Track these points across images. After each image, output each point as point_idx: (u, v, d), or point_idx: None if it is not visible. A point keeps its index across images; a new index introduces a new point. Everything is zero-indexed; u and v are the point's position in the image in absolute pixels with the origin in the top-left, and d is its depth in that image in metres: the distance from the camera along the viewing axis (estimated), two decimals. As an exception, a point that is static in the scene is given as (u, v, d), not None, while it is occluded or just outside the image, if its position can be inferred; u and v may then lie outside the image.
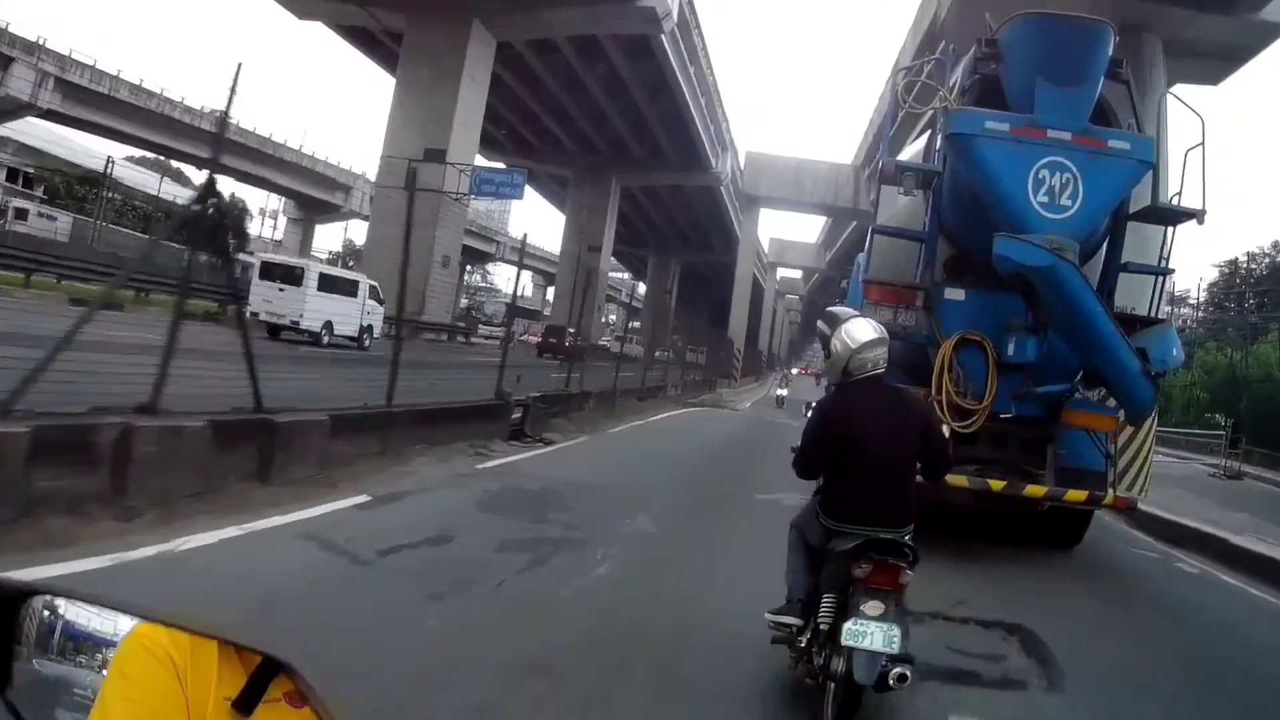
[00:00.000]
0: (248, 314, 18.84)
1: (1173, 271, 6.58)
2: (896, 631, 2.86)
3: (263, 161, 47.41)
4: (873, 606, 2.89)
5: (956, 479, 5.94)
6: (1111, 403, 6.26)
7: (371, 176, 36.08)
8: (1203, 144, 6.14)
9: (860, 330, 3.29)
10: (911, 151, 7.92)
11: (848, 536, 3.05)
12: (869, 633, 2.84)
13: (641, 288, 71.76)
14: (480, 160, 36.79)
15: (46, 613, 0.87)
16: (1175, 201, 6.29)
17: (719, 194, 50.23)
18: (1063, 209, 5.51)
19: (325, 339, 18.40)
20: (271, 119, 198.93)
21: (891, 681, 2.85)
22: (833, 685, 2.95)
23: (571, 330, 22.87)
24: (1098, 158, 5.66)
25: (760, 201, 43.83)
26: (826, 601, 3.07)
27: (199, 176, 55.17)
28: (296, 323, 17.94)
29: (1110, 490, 6.19)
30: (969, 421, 6.00)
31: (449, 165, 25.50)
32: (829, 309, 3.76)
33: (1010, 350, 5.98)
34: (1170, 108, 7.48)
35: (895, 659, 2.88)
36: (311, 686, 0.83)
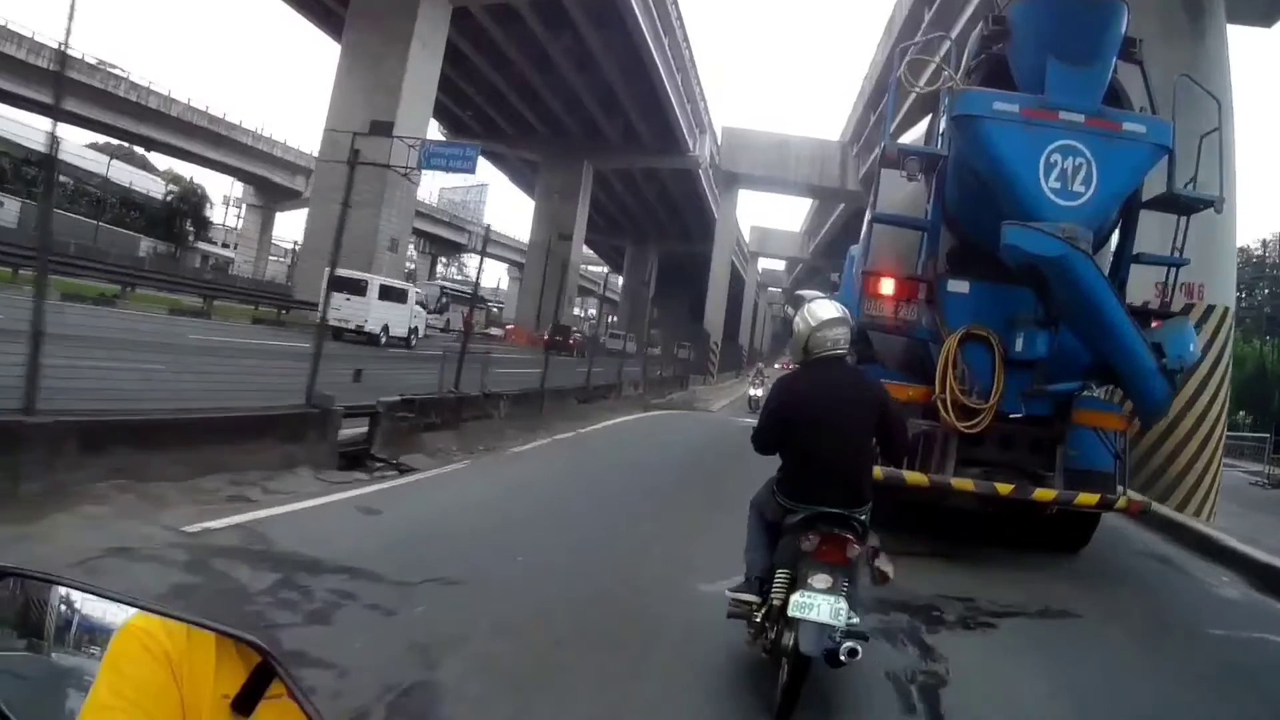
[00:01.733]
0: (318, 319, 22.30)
1: (1187, 262, 6.59)
2: (843, 605, 3.07)
3: (217, 144, 46.74)
4: (820, 580, 3.12)
5: (962, 483, 5.95)
6: (1119, 400, 6.29)
7: (336, 160, 35.93)
8: (1219, 129, 6.16)
9: (823, 309, 3.56)
10: (912, 137, 7.88)
11: (801, 514, 3.31)
12: (815, 605, 3.05)
13: (621, 282, 71.83)
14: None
15: (42, 599, 0.88)
16: (1190, 188, 6.30)
17: (697, 179, 50.29)
18: (1076, 195, 5.47)
19: (383, 340, 22.74)
20: (225, 100, 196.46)
21: (843, 656, 3.06)
22: (785, 659, 3.15)
23: (576, 330, 25.53)
24: (1112, 141, 5.62)
25: (740, 181, 42.07)
26: (780, 576, 3.30)
27: (163, 163, 54.75)
28: (361, 327, 21.82)
29: (1122, 493, 6.22)
30: (975, 421, 5.97)
31: (396, 139, 24.77)
32: (799, 291, 4.12)
33: (1019, 346, 5.95)
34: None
35: (850, 634, 3.11)
36: (298, 682, 0.84)
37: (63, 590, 0.89)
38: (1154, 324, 6.05)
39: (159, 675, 0.82)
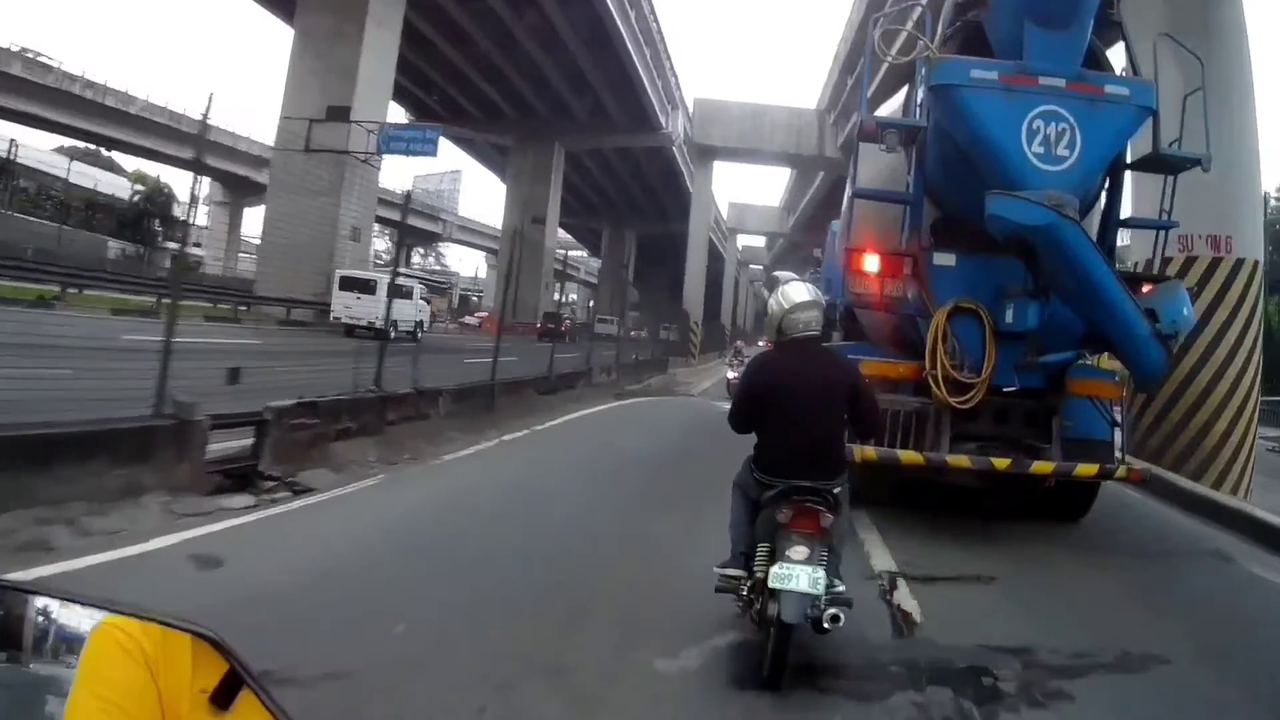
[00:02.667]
0: (331, 317, 24.28)
1: (1176, 225, 6.67)
2: (821, 574, 3.32)
3: (182, 141, 46.03)
4: (797, 551, 3.35)
5: (958, 459, 6.02)
6: (1115, 366, 6.37)
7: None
8: (1203, 88, 6.22)
9: (795, 292, 3.81)
10: (891, 107, 7.90)
11: (777, 489, 3.55)
12: (794, 575, 3.28)
13: (600, 266, 71.71)
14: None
15: (17, 611, 0.90)
16: (1175, 148, 6.36)
17: (672, 157, 50.13)
18: (1060, 160, 5.50)
19: (391, 334, 21.29)
20: (185, 96, 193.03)
21: (826, 623, 3.30)
22: (771, 628, 3.34)
23: (567, 317, 26.14)
24: (1095, 104, 5.65)
25: (714, 154, 41.58)
26: (761, 550, 3.55)
27: (132, 165, 54.01)
28: (372, 324, 22.46)
29: (1121, 461, 6.31)
30: (967, 396, 6.04)
31: (354, 124, 24.40)
32: (775, 272, 4.35)
33: (1009, 318, 6.00)
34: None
35: (834, 601, 3.37)
36: (259, 679, 0.86)
37: (39, 601, 0.91)
38: (1145, 289, 6.11)
39: (136, 673, 0.83)
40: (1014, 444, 6.29)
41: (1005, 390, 6.07)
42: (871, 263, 6.49)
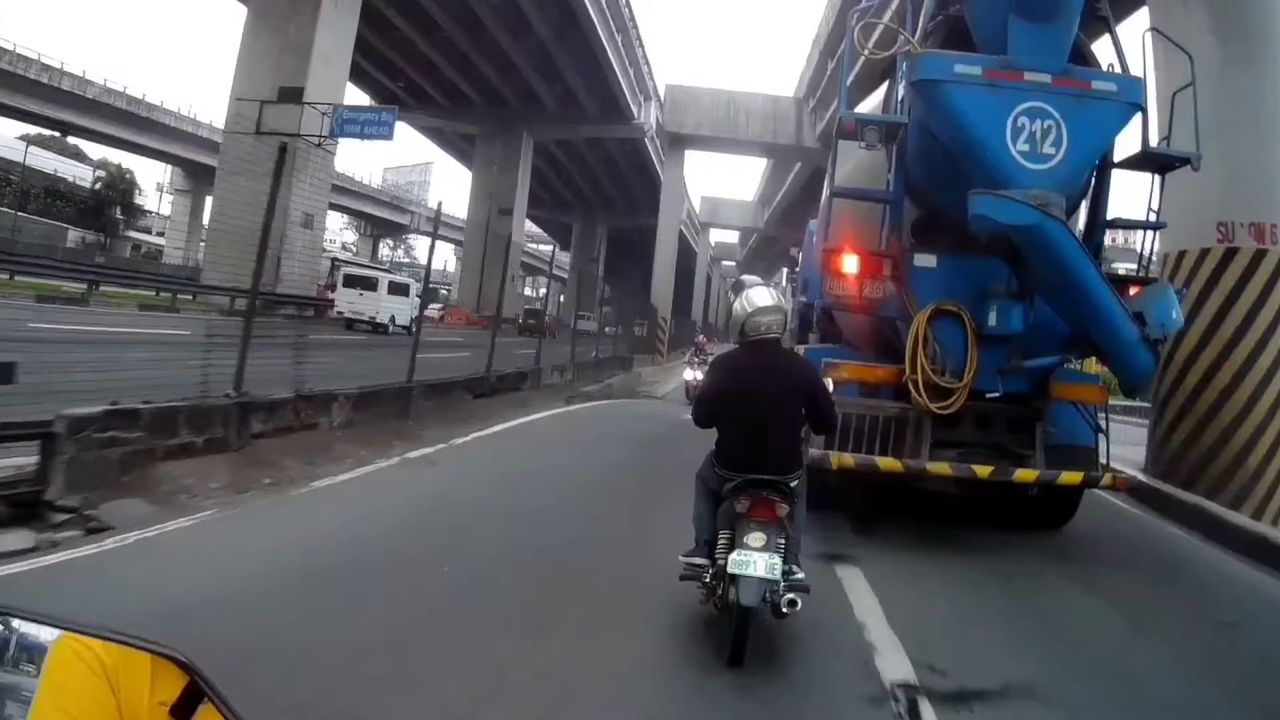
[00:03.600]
0: (334, 313, 26.19)
1: (1164, 225, 6.67)
2: (777, 560, 3.61)
3: (139, 126, 45.30)
4: (755, 538, 3.64)
5: (938, 466, 5.98)
6: (1096, 371, 6.36)
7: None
8: (1193, 84, 6.21)
9: (759, 297, 4.15)
10: (871, 104, 7.84)
11: (736, 481, 3.84)
12: (752, 561, 3.57)
13: (570, 260, 71.52)
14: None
15: None
16: (1164, 146, 6.35)
17: (644, 149, 50.08)
18: (1045, 158, 5.45)
19: (390, 329, 26.54)
20: (145, 81, 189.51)
21: (784, 608, 3.66)
22: (732, 612, 3.63)
23: (550, 314, 26.60)
24: (1082, 101, 5.60)
25: (686, 142, 40.24)
26: (722, 538, 3.84)
27: (98, 153, 53.24)
28: (374, 318, 25.85)
29: (1106, 469, 6.31)
30: (949, 402, 5.98)
31: (308, 106, 23.85)
32: (741, 276, 4.51)
33: (992, 321, 5.96)
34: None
35: (792, 587, 3.72)
36: (219, 691, 0.89)
37: None
38: (1133, 291, 6.10)
39: (96, 687, 0.86)
40: (996, 450, 6.25)
41: (988, 395, 6.02)
42: (850, 263, 6.42)
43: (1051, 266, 5.42)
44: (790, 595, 3.67)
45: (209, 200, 57.04)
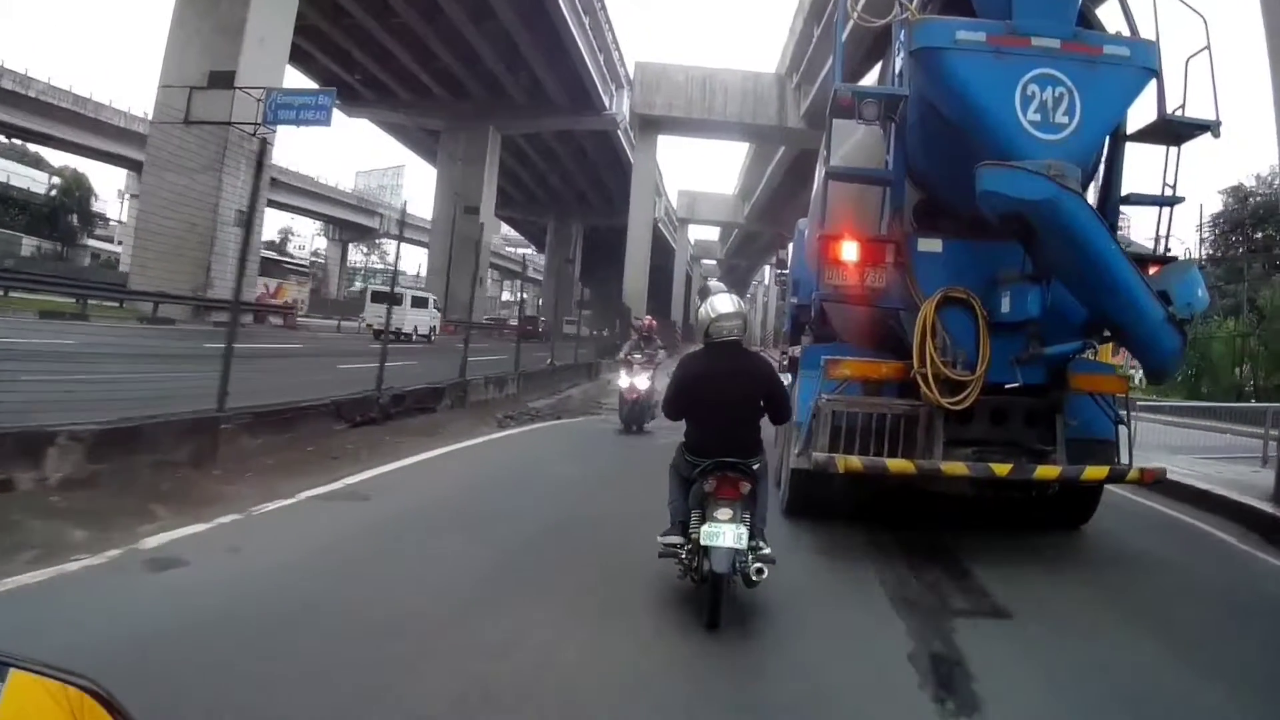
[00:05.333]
0: (363, 324, 32.75)
1: (1182, 200, 6.56)
2: (744, 530, 4.26)
3: (89, 128, 44.57)
4: (722, 513, 4.29)
5: (953, 466, 5.80)
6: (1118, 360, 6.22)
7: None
8: (1208, 48, 6.10)
9: (722, 304, 4.87)
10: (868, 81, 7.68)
11: (704, 465, 4.47)
12: (721, 532, 4.22)
13: (544, 261, 71.51)
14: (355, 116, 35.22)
15: None
16: (1179, 114, 6.23)
17: (617, 141, 49.96)
18: (1058, 128, 5.30)
19: (413, 338, 31.24)
20: (92, 80, 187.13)
21: (754, 575, 4.32)
22: (707, 581, 4.27)
23: (544, 319, 26.93)
24: (1094, 67, 5.47)
25: (658, 125, 39.05)
26: (694, 516, 4.48)
27: (58, 160, 52.49)
28: (399, 329, 28.91)
29: (1130, 463, 6.18)
30: (961, 396, 5.81)
31: (240, 92, 23.12)
32: (707, 282, 4.61)
33: (1005, 306, 5.80)
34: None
35: (760, 558, 4.36)
36: None
37: None
38: (1151, 270, 5.97)
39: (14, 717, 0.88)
40: (1014, 447, 6.10)
41: (1008, 387, 5.86)
42: (850, 250, 6.23)
43: (1069, 244, 5.26)
44: (758, 564, 4.34)
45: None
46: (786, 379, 9.43)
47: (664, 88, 37.78)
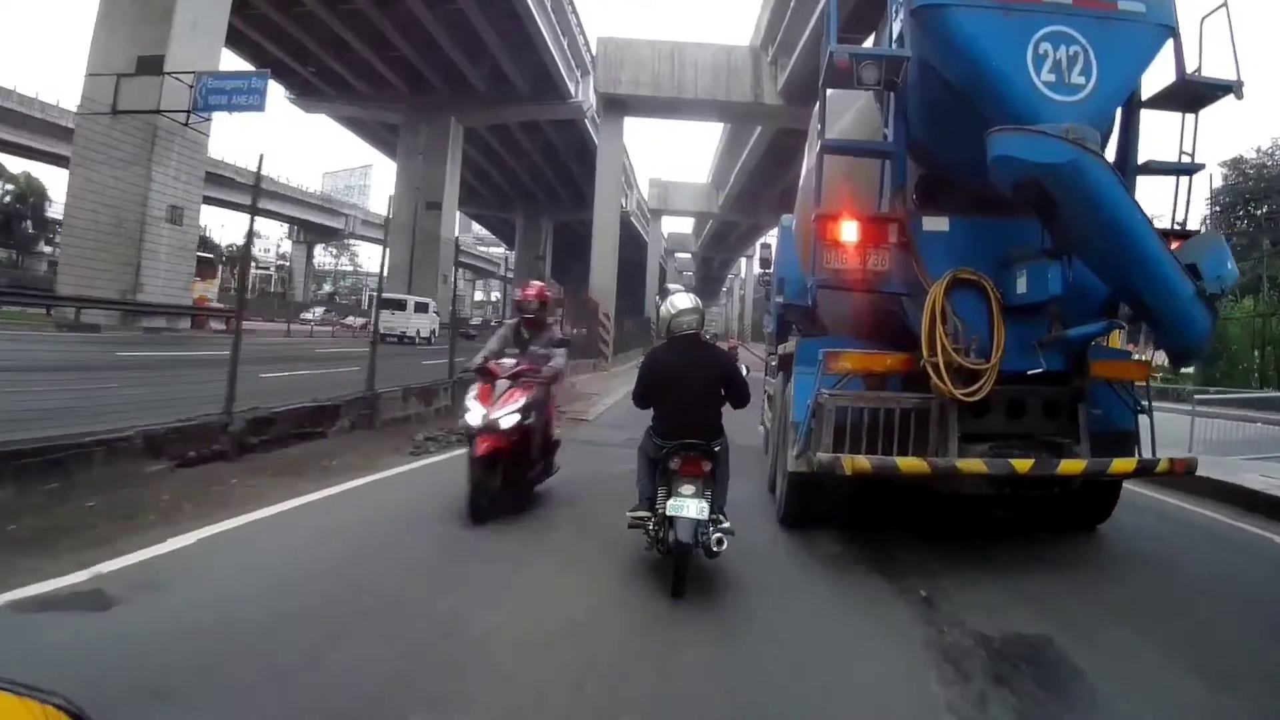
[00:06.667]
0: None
1: (1201, 167, 6.31)
2: (705, 504, 4.90)
3: (36, 129, 43.43)
4: (686, 488, 4.94)
5: (969, 464, 5.50)
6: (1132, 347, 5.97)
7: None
8: (1225, 4, 5.86)
9: (680, 301, 5.51)
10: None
11: (669, 447, 5.13)
12: (685, 505, 4.86)
13: (514, 258, 71.26)
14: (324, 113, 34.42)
15: None
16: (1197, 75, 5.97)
17: (585, 131, 49.51)
18: (1075, 88, 5.05)
19: (416, 341, 34.75)
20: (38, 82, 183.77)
21: (714, 547, 4.88)
22: (672, 551, 4.90)
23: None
24: (1109, 23, 5.23)
25: (624, 106, 36.61)
26: (660, 493, 5.15)
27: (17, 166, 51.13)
28: (404, 333, 34.17)
29: (1154, 454, 5.94)
30: (976, 386, 5.52)
31: (169, 79, 22.34)
32: (667, 284, 4.55)
33: (1021, 286, 5.52)
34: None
35: (721, 530, 4.96)
36: None
37: None
38: (1173, 245, 5.72)
39: None
40: (1031, 440, 5.81)
41: (1030, 374, 5.57)
42: (849, 230, 5.92)
43: (1092, 212, 4.97)
44: (718, 535, 4.91)
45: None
46: (775, 380, 9.17)
47: (629, 64, 35.46)
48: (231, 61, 35.70)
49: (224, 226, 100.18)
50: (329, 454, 8.90)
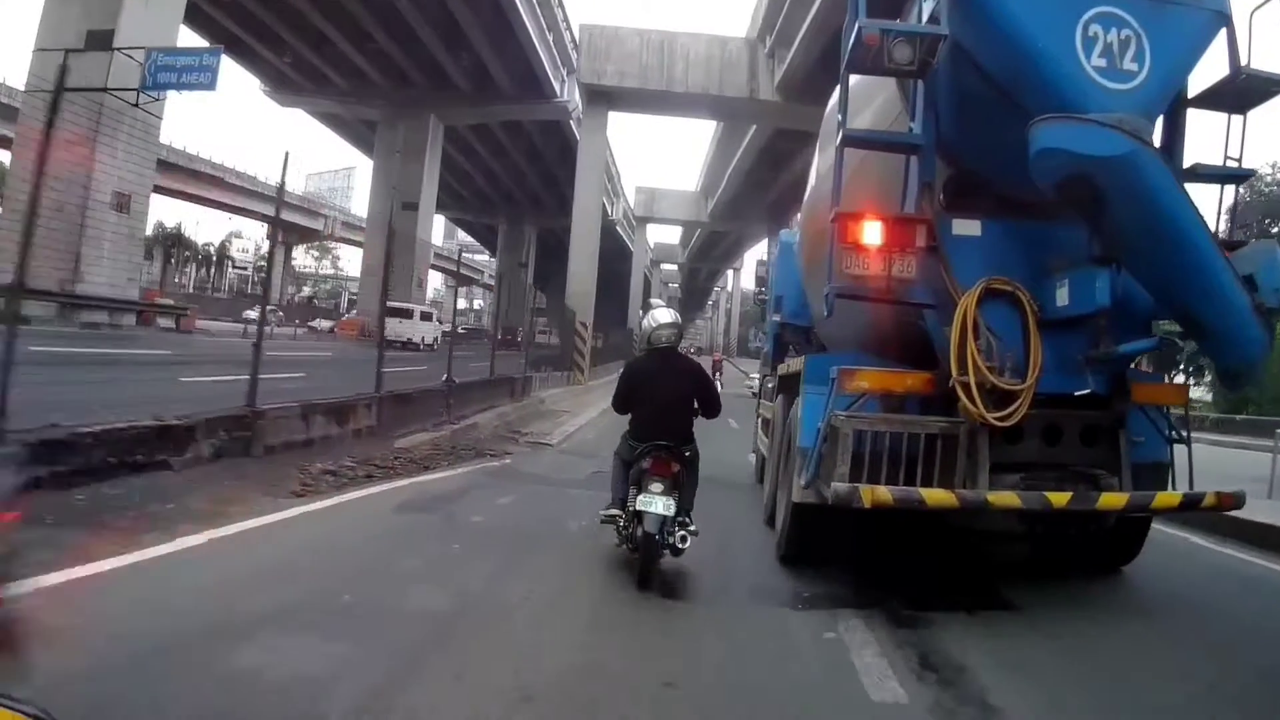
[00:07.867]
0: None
1: (1252, 174, 5.94)
2: (672, 501, 5.47)
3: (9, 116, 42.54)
4: (656, 486, 5.49)
5: (1001, 497, 5.05)
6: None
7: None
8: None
9: (661, 315, 6.26)
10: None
11: (643, 448, 5.74)
12: (654, 501, 5.42)
13: (496, 264, 71.08)
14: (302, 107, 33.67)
15: None
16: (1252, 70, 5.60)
17: (570, 134, 49.13)
18: (1128, 75, 4.66)
19: (420, 347, 37.72)
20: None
21: (679, 544, 5.53)
22: (640, 545, 5.49)
23: (520, 328, 30.58)
24: (1162, 7, 4.85)
25: (608, 98, 34.94)
26: (632, 492, 5.67)
27: None
28: (410, 339, 36.58)
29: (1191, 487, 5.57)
30: (1011, 410, 5.08)
31: (119, 55, 21.59)
32: (649, 299, 4.10)
33: (1063, 298, 5.10)
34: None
35: (686, 530, 5.60)
36: None
37: None
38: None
39: None
40: (1066, 471, 5.38)
41: (1076, 394, 5.15)
42: (873, 232, 5.40)
43: (1145, 214, 4.55)
44: (683, 533, 5.54)
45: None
46: (771, 404, 8.74)
47: (615, 55, 33.85)
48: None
49: (199, 224, 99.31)
50: (170, 495, 6.62)
